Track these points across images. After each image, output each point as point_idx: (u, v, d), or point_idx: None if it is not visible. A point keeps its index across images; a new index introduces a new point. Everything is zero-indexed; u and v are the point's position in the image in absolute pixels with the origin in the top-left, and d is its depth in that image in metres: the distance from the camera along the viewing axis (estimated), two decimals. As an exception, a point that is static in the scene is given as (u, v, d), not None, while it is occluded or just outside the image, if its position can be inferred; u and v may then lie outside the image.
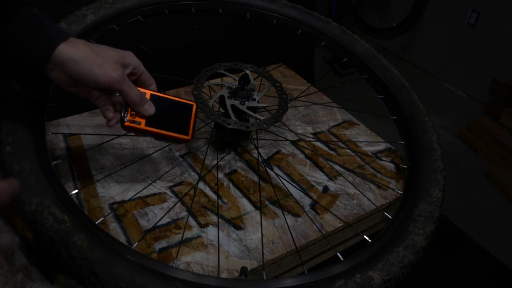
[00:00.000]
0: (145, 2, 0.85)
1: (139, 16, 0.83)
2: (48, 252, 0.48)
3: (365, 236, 0.59)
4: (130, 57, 0.57)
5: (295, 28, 0.90)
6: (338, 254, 0.55)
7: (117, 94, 0.56)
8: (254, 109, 0.70)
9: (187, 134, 0.59)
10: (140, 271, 0.46)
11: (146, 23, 0.86)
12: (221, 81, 0.72)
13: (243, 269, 0.54)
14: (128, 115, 0.56)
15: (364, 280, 0.50)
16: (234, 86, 0.71)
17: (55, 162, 0.58)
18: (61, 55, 0.50)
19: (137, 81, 0.60)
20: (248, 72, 0.72)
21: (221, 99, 0.70)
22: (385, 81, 0.81)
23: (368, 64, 0.84)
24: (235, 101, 0.69)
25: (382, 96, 0.81)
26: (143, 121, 0.57)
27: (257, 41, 0.92)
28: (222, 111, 0.72)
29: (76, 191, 0.64)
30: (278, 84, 0.74)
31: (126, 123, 0.56)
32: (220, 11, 0.90)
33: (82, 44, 0.52)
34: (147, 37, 0.92)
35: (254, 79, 0.74)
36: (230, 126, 0.65)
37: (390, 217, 0.62)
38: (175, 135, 0.59)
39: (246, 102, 0.70)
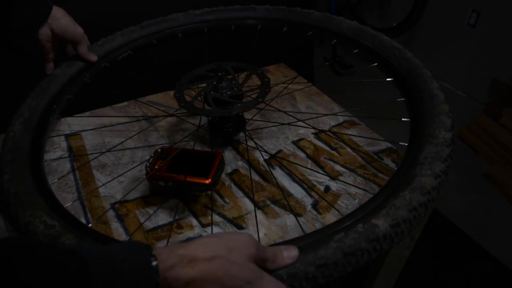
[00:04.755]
0: (132, 38, 0.89)
1: (129, 51, 0.88)
2: None
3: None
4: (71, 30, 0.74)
5: (281, 27, 0.91)
6: (338, 211, 0.54)
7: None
8: (237, 97, 0.71)
9: (206, 178, 0.61)
10: None
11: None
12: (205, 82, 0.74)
13: None
14: (150, 166, 0.64)
15: (367, 228, 0.47)
16: (215, 82, 0.72)
17: (53, 182, 0.60)
18: (53, 14, 0.70)
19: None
20: (223, 65, 0.73)
21: (205, 97, 0.71)
22: (375, 48, 0.81)
23: (355, 38, 0.85)
24: (217, 93, 0.70)
25: (376, 63, 0.80)
26: (163, 169, 0.63)
27: (249, 45, 0.93)
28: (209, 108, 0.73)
29: (71, 203, 0.65)
30: (259, 71, 0.75)
31: (148, 172, 0.63)
32: (205, 30, 0.93)
33: (62, 10, 0.73)
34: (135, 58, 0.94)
35: (238, 75, 0.75)
36: (212, 115, 0.67)
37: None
38: (194, 179, 0.61)
39: (228, 93, 0.71)
